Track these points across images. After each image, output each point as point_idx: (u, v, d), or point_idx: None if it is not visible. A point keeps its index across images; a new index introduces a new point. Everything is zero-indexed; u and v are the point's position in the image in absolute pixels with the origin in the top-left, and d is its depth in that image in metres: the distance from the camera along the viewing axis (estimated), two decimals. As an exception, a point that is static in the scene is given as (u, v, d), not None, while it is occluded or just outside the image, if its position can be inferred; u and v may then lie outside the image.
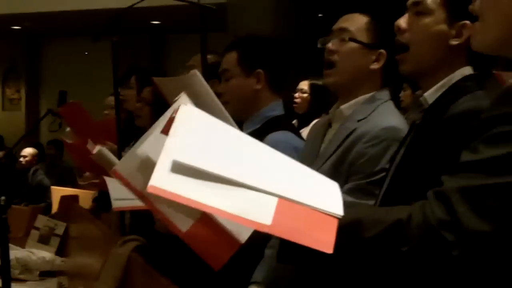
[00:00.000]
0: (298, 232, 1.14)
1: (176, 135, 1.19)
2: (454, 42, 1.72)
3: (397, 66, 1.83)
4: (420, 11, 1.76)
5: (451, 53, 1.72)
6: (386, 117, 2.05)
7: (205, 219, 1.21)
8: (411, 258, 1.19)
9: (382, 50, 2.12)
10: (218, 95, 2.73)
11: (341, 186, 1.95)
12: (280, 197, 1.17)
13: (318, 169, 2.05)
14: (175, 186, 1.10)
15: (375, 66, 2.15)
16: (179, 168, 1.12)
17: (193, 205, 1.10)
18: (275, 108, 2.63)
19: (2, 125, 12.54)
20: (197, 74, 1.77)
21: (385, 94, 2.15)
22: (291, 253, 1.21)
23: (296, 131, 2.65)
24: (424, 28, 1.75)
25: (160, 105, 3.46)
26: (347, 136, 2.06)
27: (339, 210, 1.20)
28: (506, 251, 1.18)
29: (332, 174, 2.02)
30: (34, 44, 13.22)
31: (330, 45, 2.17)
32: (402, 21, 1.79)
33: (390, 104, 2.14)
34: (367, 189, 1.97)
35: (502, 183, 1.16)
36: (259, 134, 2.50)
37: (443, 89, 1.72)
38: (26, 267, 4.18)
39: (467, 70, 1.74)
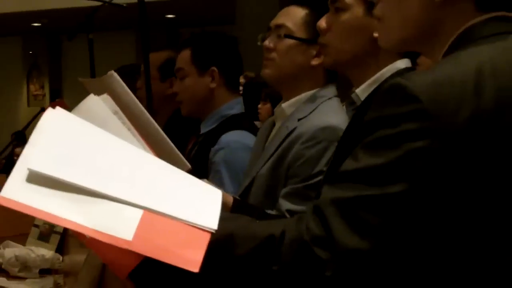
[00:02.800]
0: (161, 249, 1.04)
1: (35, 142, 1.09)
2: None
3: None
4: (339, 7, 1.69)
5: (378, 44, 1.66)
6: (326, 116, 1.93)
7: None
8: (282, 277, 1.08)
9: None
10: (175, 94, 2.71)
11: (280, 190, 1.91)
12: (145, 209, 1.08)
13: (258, 171, 1.99)
14: (28, 198, 1.02)
15: (316, 61, 2.02)
16: (35, 178, 1.04)
17: (46, 219, 1.02)
18: (233, 107, 2.57)
19: (28, 121, 12.63)
20: (113, 74, 1.73)
21: (329, 91, 2.02)
22: (150, 270, 1.10)
23: (255, 130, 2.55)
24: (344, 23, 1.69)
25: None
26: (287, 136, 1.95)
27: (213, 224, 1.10)
28: (386, 271, 1.07)
29: (271, 176, 1.94)
30: (55, 40, 13.32)
31: (266, 42, 2.06)
32: (323, 21, 1.72)
33: (334, 102, 2.01)
34: (304, 194, 1.85)
35: (380, 194, 1.04)
36: (215, 134, 2.48)
37: (375, 85, 1.62)
38: (25, 265, 4.19)
39: (403, 63, 1.66)
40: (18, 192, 1.02)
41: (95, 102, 1.54)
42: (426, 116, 1.03)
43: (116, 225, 1.05)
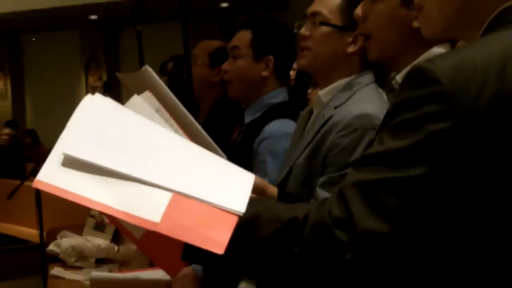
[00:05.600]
0: (189, 230, 1.07)
1: (71, 127, 1.14)
2: (417, 24, 1.63)
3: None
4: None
5: (417, 35, 1.64)
6: (362, 103, 1.91)
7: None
8: (304, 260, 1.09)
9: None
10: (221, 81, 2.71)
11: (317, 179, 1.91)
12: (175, 192, 1.10)
13: (296, 160, 1.98)
14: (62, 181, 1.06)
15: (351, 49, 2.01)
16: (70, 162, 1.08)
17: (79, 202, 1.06)
18: (277, 95, 2.55)
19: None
20: (148, 69, 1.76)
21: (365, 78, 2.01)
22: (194, 251, 1.10)
23: None
24: (380, 14, 1.68)
25: (176, 90, 3.49)
26: (323, 125, 1.94)
27: (241, 207, 1.12)
28: (405, 255, 1.07)
29: (308, 166, 1.93)
30: (112, 32, 13.47)
31: (303, 30, 2.05)
32: (359, 10, 1.71)
33: (370, 89, 1.99)
34: None
35: (401, 177, 1.04)
36: (259, 124, 2.48)
37: None
38: (81, 255, 4.27)
39: (443, 48, 1.64)
40: (53, 175, 1.07)
41: (138, 102, 1.58)
42: (447, 98, 1.04)
43: (145, 207, 1.08)
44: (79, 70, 14.01)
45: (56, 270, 4.08)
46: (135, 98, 1.58)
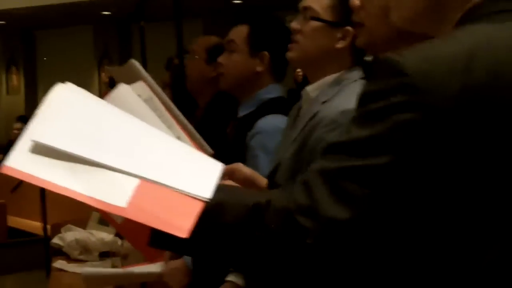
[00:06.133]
0: (154, 215, 1.08)
1: (41, 115, 1.15)
2: None
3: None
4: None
5: (407, 33, 1.64)
6: (348, 99, 1.86)
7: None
8: (266, 245, 1.09)
9: (348, 28, 1.97)
10: (218, 76, 2.73)
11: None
12: (142, 178, 1.12)
13: (283, 155, 1.99)
14: (30, 167, 1.07)
15: (341, 44, 2.01)
16: (38, 149, 1.09)
17: (46, 187, 1.07)
18: (271, 91, 2.57)
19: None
20: (133, 62, 1.78)
21: (354, 74, 2.00)
22: (160, 236, 1.12)
23: None
24: (376, 6, 1.68)
25: (178, 86, 3.52)
26: (310, 120, 1.94)
27: (206, 194, 1.13)
28: (367, 244, 1.07)
29: (295, 160, 1.94)
30: (125, 28, 13.52)
31: (293, 24, 2.06)
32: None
33: (358, 85, 1.96)
34: None
35: (365, 165, 1.05)
36: (252, 118, 2.49)
37: None
38: (85, 248, 4.31)
39: None
40: (21, 162, 1.07)
41: (124, 90, 1.60)
42: (414, 89, 1.04)
43: (112, 193, 1.09)
44: (92, 66, 14.07)
45: (59, 263, 4.12)
46: (123, 86, 1.60)
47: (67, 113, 1.19)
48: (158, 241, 1.16)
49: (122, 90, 1.61)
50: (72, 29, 13.83)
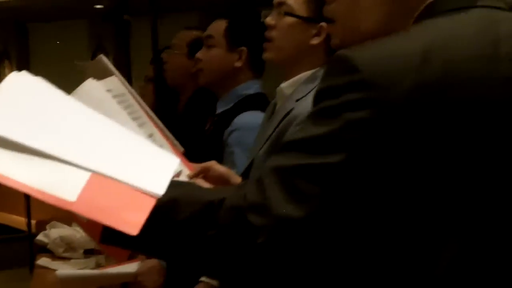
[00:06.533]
0: (104, 211, 1.05)
1: None
2: None
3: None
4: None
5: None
6: None
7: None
8: (218, 243, 1.07)
9: (323, 24, 1.93)
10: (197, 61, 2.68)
11: None
12: (93, 172, 1.08)
13: (257, 153, 1.96)
14: None
15: (315, 41, 1.97)
16: None
17: None
18: (250, 87, 2.52)
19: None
20: (102, 58, 1.75)
21: None
22: (111, 233, 1.08)
23: None
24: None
25: (161, 81, 3.48)
26: (284, 117, 1.90)
27: (159, 190, 1.09)
28: (322, 242, 1.04)
29: (268, 158, 1.89)
30: (121, 22, 13.46)
31: (268, 19, 2.02)
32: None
33: None
34: None
35: (318, 163, 1.02)
36: (230, 115, 2.46)
37: None
38: (70, 245, 4.26)
39: None
40: None
41: (91, 85, 1.57)
42: (367, 86, 1.01)
43: (62, 186, 1.05)
44: (87, 61, 14.01)
45: (42, 261, 4.06)
46: (90, 81, 1.58)
47: (18, 103, 1.15)
48: (110, 237, 1.13)
49: (89, 85, 1.57)
50: (66, 23, 13.77)
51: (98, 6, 12.17)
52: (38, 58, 14.68)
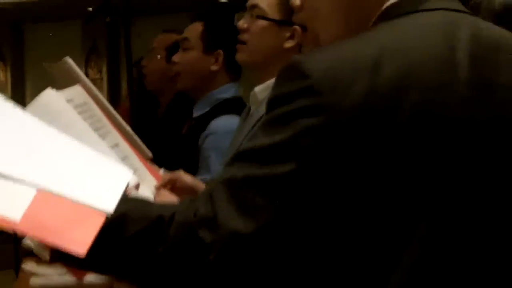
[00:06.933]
0: (50, 230, 1.00)
1: None
2: None
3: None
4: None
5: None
6: None
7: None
8: (168, 260, 1.02)
9: (296, 27, 1.87)
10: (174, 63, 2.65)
11: None
12: (40, 189, 1.04)
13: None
14: None
15: (289, 44, 1.94)
16: None
17: None
18: (227, 91, 2.50)
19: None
20: (68, 60, 1.70)
21: None
22: (61, 251, 1.02)
23: None
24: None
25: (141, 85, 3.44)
26: (257, 122, 1.86)
27: (109, 207, 1.05)
28: (275, 256, 1.00)
29: None
30: (114, 23, 13.41)
31: (241, 23, 1.99)
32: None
33: None
34: None
35: (269, 174, 0.98)
36: (206, 119, 2.43)
37: None
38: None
39: None
40: None
41: (49, 96, 1.53)
42: (318, 93, 0.98)
43: (5, 205, 1.01)
44: (80, 62, 13.95)
45: (27, 265, 4.02)
46: (48, 91, 1.52)
47: None
48: (59, 256, 1.07)
49: (47, 95, 1.53)
50: (61, 24, 13.73)
51: (91, 8, 12.16)
52: (33, 59, 14.64)
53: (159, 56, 3.08)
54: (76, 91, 1.60)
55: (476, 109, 1.03)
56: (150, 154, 1.78)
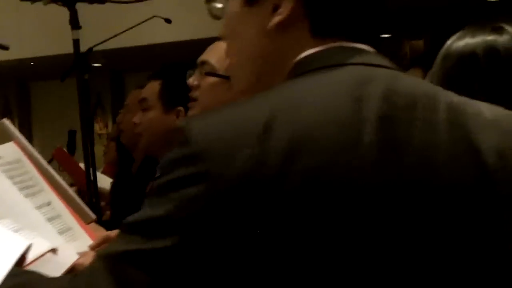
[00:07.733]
0: None
1: None
2: None
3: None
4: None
5: None
6: None
7: None
8: None
9: None
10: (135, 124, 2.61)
11: None
12: None
13: None
14: None
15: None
16: None
17: None
18: None
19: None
20: (5, 122, 1.70)
21: None
22: None
23: None
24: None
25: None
26: None
27: None
28: None
29: None
30: (117, 79, 13.51)
31: (191, 80, 1.97)
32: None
33: None
34: None
35: (149, 249, 0.93)
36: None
37: None
38: None
39: None
40: None
41: None
42: (198, 160, 0.93)
43: None
44: (86, 118, 14.00)
45: None
46: None
47: None
48: None
49: None
50: (66, 80, 13.84)
51: (96, 65, 12.28)
52: (40, 115, 14.72)
53: (128, 112, 3.06)
54: (8, 148, 1.58)
55: (384, 173, 0.95)
56: (93, 216, 1.75)
